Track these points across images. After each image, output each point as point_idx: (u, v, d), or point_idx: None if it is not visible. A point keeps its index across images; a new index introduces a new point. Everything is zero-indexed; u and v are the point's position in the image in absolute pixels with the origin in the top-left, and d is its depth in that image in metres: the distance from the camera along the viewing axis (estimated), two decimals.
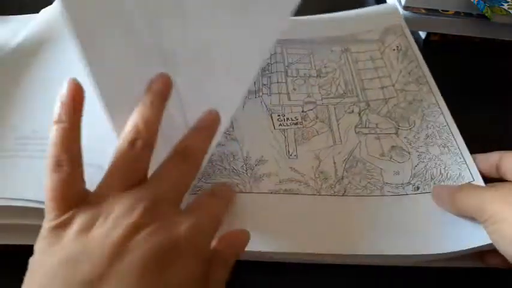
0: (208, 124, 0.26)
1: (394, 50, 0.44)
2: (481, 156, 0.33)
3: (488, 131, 0.39)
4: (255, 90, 0.40)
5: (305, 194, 0.31)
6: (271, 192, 0.31)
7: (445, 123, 0.36)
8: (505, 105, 0.43)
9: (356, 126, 0.37)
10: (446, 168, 0.33)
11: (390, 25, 0.46)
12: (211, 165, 0.33)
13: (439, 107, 0.38)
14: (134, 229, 0.19)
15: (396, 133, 0.36)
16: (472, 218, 0.28)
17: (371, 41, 0.45)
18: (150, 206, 0.20)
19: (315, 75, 0.42)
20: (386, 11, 0.48)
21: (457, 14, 0.48)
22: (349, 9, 0.50)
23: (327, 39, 0.46)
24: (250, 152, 0.34)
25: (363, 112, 0.38)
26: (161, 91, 0.24)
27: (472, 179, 0.32)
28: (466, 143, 0.35)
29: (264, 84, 0.40)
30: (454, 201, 0.29)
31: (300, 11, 0.50)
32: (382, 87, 0.41)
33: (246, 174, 0.32)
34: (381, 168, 0.34)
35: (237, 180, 0.32)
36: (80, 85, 0.22)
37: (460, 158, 0.33)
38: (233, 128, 0.36)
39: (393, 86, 0.41)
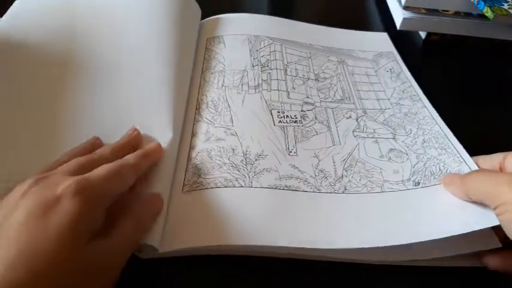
0: (120, 145, 0.31)
1: (387, 71, 0.46)
2: (484, 158, 0.32)
3: (489, 131, 0.39)
4: (255, 85, 0.39)
5: (305, 191, 0.31)
6: (272, 188, 0.31)
7: (440, 131, 0.37)
8: (505, 105, 0.43)
9: (354, 130, 0.37)
10: (445, 165, 0.33)
11: (382, 51, 0.49)
12: (210, 160, 0.32)
13: (433, 119, 0.39)
14: (24, 193, 0.24)
15: (394, 138, 0.37)
16: (481, 203, 0.28)
17: (365, 60, 0.47)
18: (41, 176, 0.25)
19: (314, 78, 0.43)
20: (378, 39, 0.51)
21: (457, 14, 0.49)
22: (351, 17, 0.53)
23: (325, 48, 0.48)
24: (250, 147, 0.34)
25: (360, 118, 0.39)
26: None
27: None
28: (465, 143, 0.35)
29: (264, 80, 0.40)
30: (465, 185, 0.28)
31: (300, 19, 0.51)
32: (378, 99, 0.42)
33: (246, 168, 0.32)
34: (380, 168, 0.33)
35: (237, 175, 0.31)
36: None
37: (459, 158, 0.34)
38: (232, 122, 0.36)
39: (388, 99, 0.42)
